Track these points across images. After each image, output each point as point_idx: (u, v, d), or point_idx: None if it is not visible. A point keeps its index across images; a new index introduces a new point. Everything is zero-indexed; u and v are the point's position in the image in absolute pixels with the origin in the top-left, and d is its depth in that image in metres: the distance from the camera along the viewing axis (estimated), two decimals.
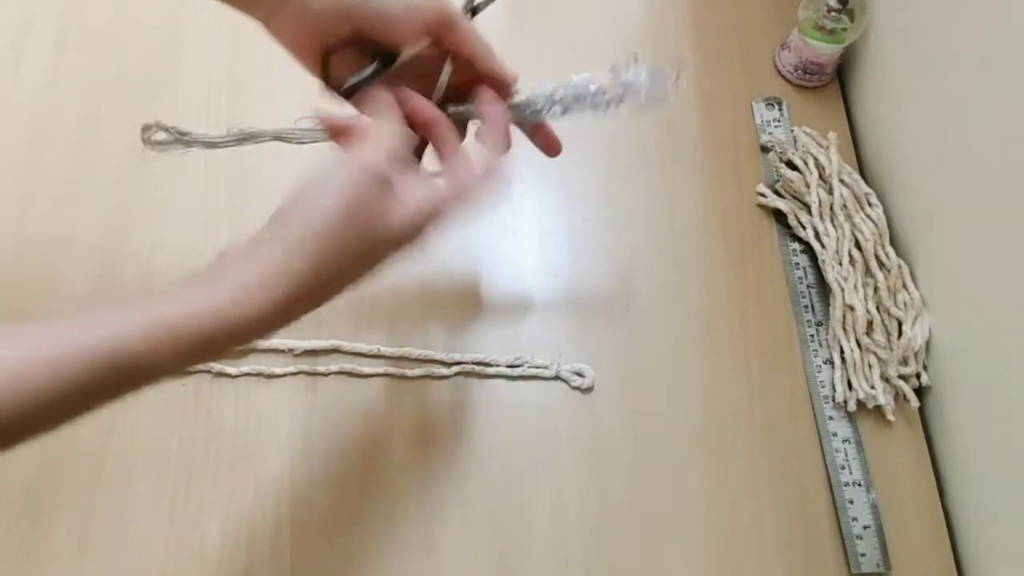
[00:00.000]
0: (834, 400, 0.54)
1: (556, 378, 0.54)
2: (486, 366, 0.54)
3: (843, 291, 0.56)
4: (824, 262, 0.57)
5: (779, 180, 0.60)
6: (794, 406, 0.55)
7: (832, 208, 0.58)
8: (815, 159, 0.60)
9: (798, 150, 0.61)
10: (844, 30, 0.61)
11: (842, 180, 0.59)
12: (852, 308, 0.55)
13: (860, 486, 0.52)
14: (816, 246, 0.58)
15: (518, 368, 0.54)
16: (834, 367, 0.55)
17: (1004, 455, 0.48)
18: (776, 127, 0.63)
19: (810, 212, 0.59)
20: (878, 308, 0.56)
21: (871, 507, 0.51)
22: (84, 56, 0.63)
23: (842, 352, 0.55)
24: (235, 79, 0.63)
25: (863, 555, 0.50)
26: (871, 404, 0.54)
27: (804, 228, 0.59)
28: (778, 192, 0.60)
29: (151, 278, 0.56)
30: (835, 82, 0.66)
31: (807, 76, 0.64)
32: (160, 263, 0.56)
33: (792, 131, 0.63)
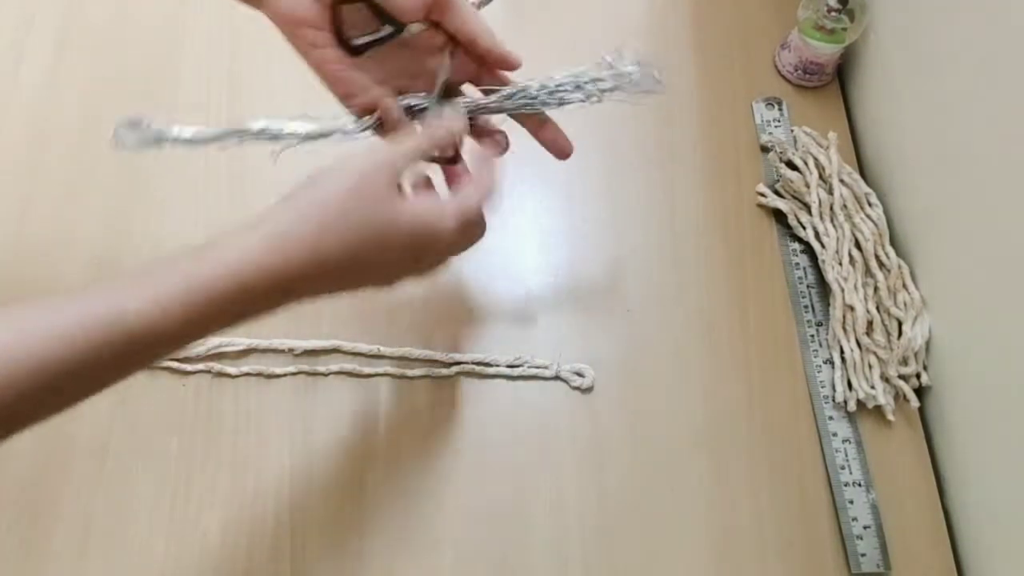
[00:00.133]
0: (834, 400, 0.54)
1: (556, 378, 0.54)
2: (486, 366, 0.54)
3: (843, 291, 0.56)
4: (824, 262, 0.57)
5: (779, 180, 0.60)
6: (794, 406, 0.55)
7: (832, 208, 0.58)
8: (815, 159, 0.60)
9: (798, 150, 0.61)
10: (844, 30, 0.61)
11: (842, 180, 0.59)
12: (852, 308, 0.55)
13: (860, 486, 0.52)
14: (816, 246, 0.58)
15: (518, 368, 0.54)
16: (834, 367, 0.55)
17: (1004, 455, 0.48)
18: (776, 127, 0.63)
19: (810, 212, 0.59)
20: (878, 308, 0.56)
21: (871, 507, 0.51)
22: (84, 56, 0.63)
23: (842, 352, 0.55)
24: (235, 79, 0.63)
25: (863, 555, 0.50)
26: (871, 404, 0.54)
27: (804, 228, 0.59)
28: (778, 192, 0.60)
29: None
30: (835, 82, 0.66)
31: (807, 76, 0.64)
32: None
33: (792, 131, 0.63)
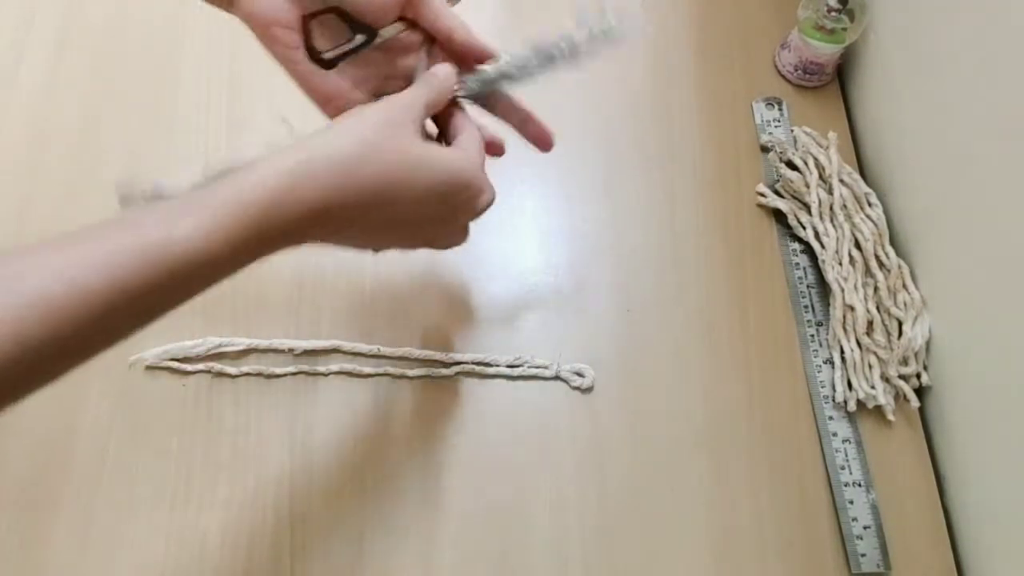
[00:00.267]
0: (834, 400, 0.54)
1: (556, 378, 0.54)
2: (486, 366, 0.54)
3: (843, 291, 0.56)
4: (824, 262, 0.57)
5: (779, 180, 0.60)
6: (794, 406, 0.55)
7: (832, 208, 0.58)
8: (815, 159, 0.60)
9: (798, 150, 0.61)
10: (844, 30, 0.61)
11: (842, 180, 0.59)
12: (852, 308, 0.55)
13: (860, 486, 0.52)
14: (816, 246, 0.58)
15: (518, 368, 0.54)
16: (834, 367, 0.55)
17: (1004, 455, 0.48)
18: (776, 127, 0.63)
19: (810, 212, 0.59)
20: (878, 308, 0.56)
21: (871, 507, 0.51)
22: (84, 56, 0.63)
23: (842, 352, 0.55)
24: (235, 79, 0.63)
25: (863, 555, 0.50)
26: (871, 404, 0.54)
27: (804, 228, 0.59)
28: (778, 192, 0.60)
29: None
30: (835, 82, 0.66)
31: (807, 76, 0.64)
32: None
33: (792, 131, 0.63)
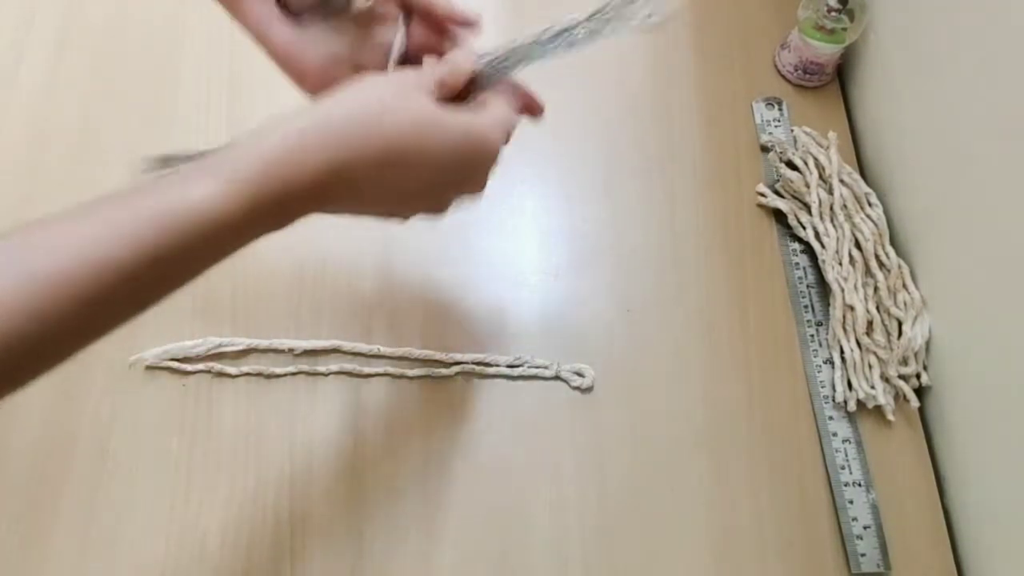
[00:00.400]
0: (834, 400, 0.54)
1: (556, 378, 0.54)
2: (486, 366, 0.54)
3: (843, 291, 0.56)
4: (824, 262, 0.57)
5: (779, 180, 0.60)
6: (794, 406, 0.55)
7: (832, 208, 0.58)
8: (815, 159, 0.60)
9: (798, 150, 0.61)
10: (844, 30, 0.61)
11: (842, 180, 0.59)
12: (852, 308, 0.55)
13: (860, 486, 0.52)
14: (816, 246, 0.58)
15: (518, 368, 0.54)
16: (834, 367, 0.55)
17: (1004, 455, 0.48)
18: (776, 127, 0.63)
19: (810, 212, 0.59)
20: (878, 308, 0.56)
21: (871, 507, 0.51)
22: (84, 56, 0.63)
23: (842, 352, 0.55)
24: (235, 79, 0.63)
25: (863, 555, 0.50)
26: (871, 404, 0.54)
27: (804, 228, 0.59)
28: (778, 192, 0.60)
29: None
30: (835, 82, 0.66)
31: (807, 76, 0.64)
32: None
33: (792, 131, 0.63)
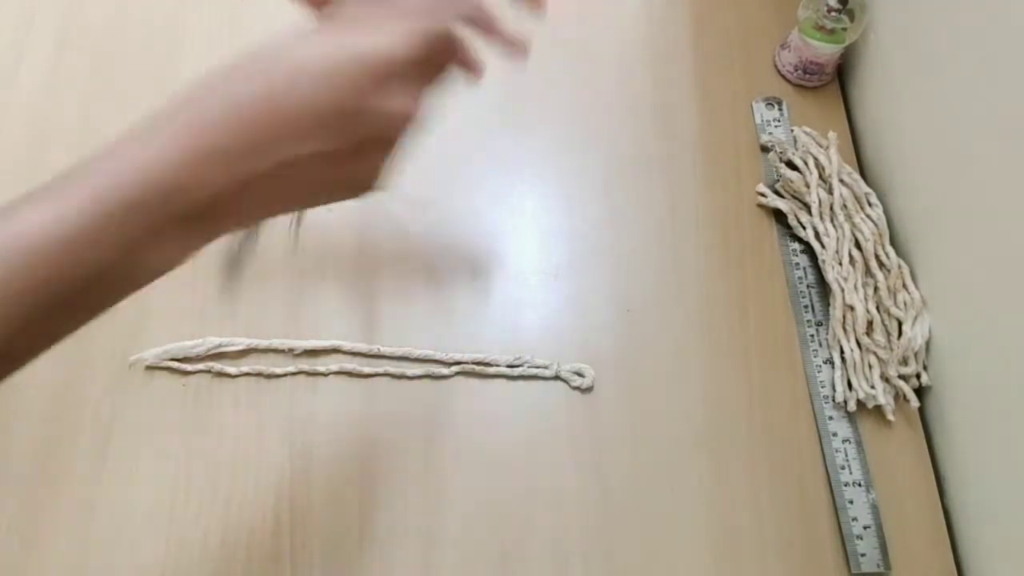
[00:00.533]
0: (834, 400, 0.54)
1: (556, 378, 0.54)
2: (486, 366, 0.54)
3: (843, 291, 0.56)
4: (824, 262, 0.57)
5: (779, 180, 0.60)
6: (794, 406, 0.55)
7: (832, 208, 0.58)
8: (815, 159, 0.60)
9: (798, 150, 0.61)
10: (844, 30, 0.61)
11: (842, 180, 0.59)
12: (852, 308, 0.55)
13: (860, 486, 0.52)
14: (816, 246, 0.58)
15: (518, 368, 0.54)
16: (834, 367, 0.55)
17: (1004, 455, 0.48)
18: (776, 127, 0.63)
19: (810, 212, 0.59)
20: (878, 308, 0.56)
21: (871, 507, 0.51)
22: (84, 56, 0.63)
23: (842, 352, 0.55)
24: None
25: (863, 555, 0.50)
26: (871, 404, 0.54)
27: (804, 228, 0.59)
28: (778, 192, 0.60)
29: None
30: (835, 82, 0.66)
31: (807, 76, 0.64)
32: None
33: (792, 131, 0.63)
